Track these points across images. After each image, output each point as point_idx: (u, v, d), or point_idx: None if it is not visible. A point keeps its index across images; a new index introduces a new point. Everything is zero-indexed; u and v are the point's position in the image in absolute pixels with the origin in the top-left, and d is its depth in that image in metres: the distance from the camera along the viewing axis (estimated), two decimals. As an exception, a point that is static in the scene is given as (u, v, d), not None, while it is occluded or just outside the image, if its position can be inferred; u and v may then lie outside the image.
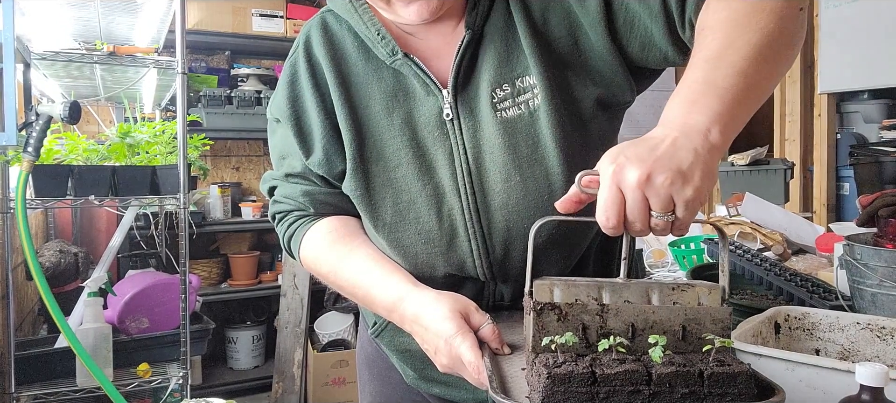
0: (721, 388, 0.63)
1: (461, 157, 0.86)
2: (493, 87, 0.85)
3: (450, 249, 0.88)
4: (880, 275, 1.19)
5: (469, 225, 0.86)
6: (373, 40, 0.88)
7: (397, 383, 1.08)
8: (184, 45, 2.26)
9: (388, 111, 0.88)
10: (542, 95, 0.84)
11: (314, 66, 0.92)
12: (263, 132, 4.07)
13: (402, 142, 0.87)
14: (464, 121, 0.86)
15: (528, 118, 0.85)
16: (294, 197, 0.96)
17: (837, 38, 3.33)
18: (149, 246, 3.19)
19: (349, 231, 0.95)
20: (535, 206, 0.85)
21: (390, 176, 0.87)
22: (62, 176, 2.12)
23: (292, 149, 0.94)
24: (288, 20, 3.69)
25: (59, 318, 1.82)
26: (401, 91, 0.88)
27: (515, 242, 0.87)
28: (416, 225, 0.87)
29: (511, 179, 0.84)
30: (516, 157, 0.84)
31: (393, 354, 1.02)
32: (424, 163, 0.87)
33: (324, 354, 3.35)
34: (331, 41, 0.92)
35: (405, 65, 0.86)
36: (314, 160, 0.91)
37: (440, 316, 0.77)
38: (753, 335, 1.04)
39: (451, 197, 0.86)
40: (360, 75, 0.90)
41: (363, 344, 1.15)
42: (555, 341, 0.69)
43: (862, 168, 3.03)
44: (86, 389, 2.11)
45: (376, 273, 0.88)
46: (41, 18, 2.28)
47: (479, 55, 0.87)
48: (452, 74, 0.86)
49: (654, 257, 2.27)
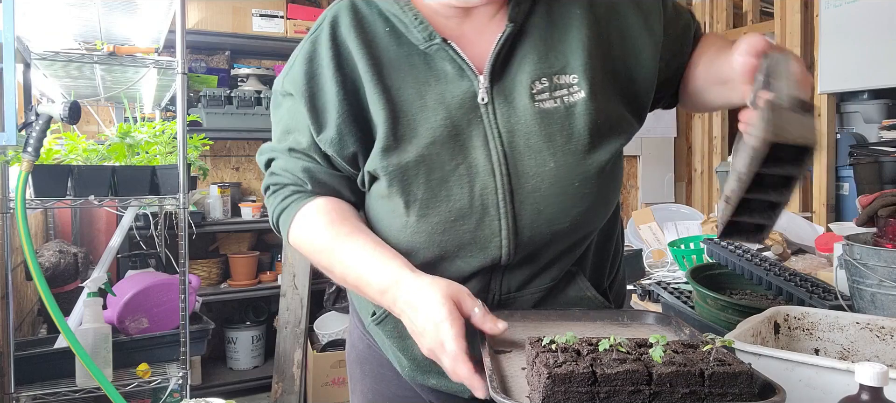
0: (721, 388, 0.64)
1: (495, 140, 0.89)
2: (533, 79, 0.90)
3: (478, 228, 0.89)
4: (880, 275, 1.19)
5: (501, 204, 0.89)
6: (409, 24, 0.90)
7: (390, 379, 1.08)
8: (184, 45, 2.26)
9: (421, 94, 0.90)
10: (585, 93, 0.89)
11: (339, 46, 0.92)
12: (263, 132, 4.06)
13: (436, 120, 0.89)
14: (498, 106, 0.90)
15: (564, 112, 0.89)
16: (293, 171, 0.96)
17: (837, 38, 3.34)
18: (148, 246, 3.19)
19: (347, 214, 0.95)
20: (565, 194, 0.89)
21: (423, 153, 0.88)
22: (62, 176, 2.11)
23: (301, 125, 0.94)
24: (288, 20, 3.69)
25: (58, 318, 1.82)
26: (432, 74, 0.91)
27: (542, 227, 0.91)
28: (447, 202, 0.89)
29: (545, 165, 0.89)
30: (551, 145, 0.89)
31: (393, 342, 1.01)
32: (458, 142, 0.89)
33: (323, 354, 3.35)
34: (361, 24, 0.93)
35: (441, 49, 0.90)
36: (326, 138, 0.92)
37: (433, 301, 0.79)
38: (753, 335, 1.04)
39: (485, 176, 0.88)
40: (393, 59, 0.91)
41: (354, 343, 1.15)
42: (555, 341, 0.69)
43: (861, 168, 3.03)
44: (85, 389, 2.11)
45: (374, 256, 0.89)
46: (41, 18, 2.28)
47: (518, 47, 0.92)
48: (490, 62, 0.90)
49: (653, 257, 2.27)
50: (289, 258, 3.50)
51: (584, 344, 0.70)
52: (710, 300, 1.41)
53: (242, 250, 3.79)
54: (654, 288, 1.85)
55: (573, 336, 0.70)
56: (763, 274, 1.44)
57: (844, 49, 3.29)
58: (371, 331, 1.07)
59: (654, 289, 1.86)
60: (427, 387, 1.03)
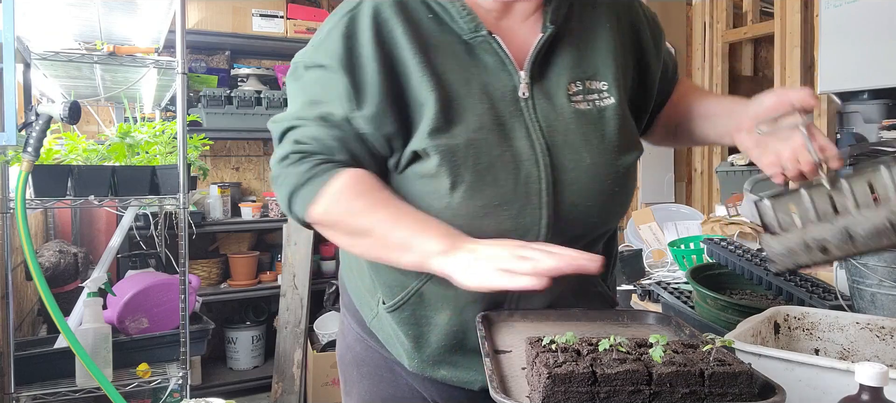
0: (721, 388, 0.64)
1: (537, 132, 0.92)
2: (570, 81, 0.95)
3: (520, 215, 0.91)
4: (880, 275, 1.19)
5: (544, 193, 0.91)
6: (455, 15, 0.92)
7: (389, 380, 1.08)
8: (184, 44, 2.26)
9: (466, 81, 0.92)
10: (614, 99, 0.96)
11: (381, 26, 0.92)
12: (263, 132, 4.04)
13: (482, 108, 0.91)
14: (538, 103, 0.93)
15: (596, 114, 0.95)
16: (324, 139, 0.92)
17: (837, 38, 3.33)
18: (148, 246, 3.19)
19: (383, 184, 0.93)
20: (599, 189, 0.94)
21: (472, 137, 0.89)
22: (62, 176, 2.11)
23: (333, 96, 0.92)
24: (288, 20, 3.69)
25: (58, 318, 1.82)
26: (474, 64, 0.93)
27: (576, 219, 0.94)
28: (494, 188, 0.90)
29: (583, 161, 0.93)
30: (587, 143, 0.93)
31: (409, 329, 1.00)
32: (503, 131, 0.91)
33: (323, 354, 3.34)
34: (404, 7, 0.93)
35: (485, 41, 0.92)
36: (366, 115, 0.90)
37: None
38: (753, 335, 1.04)
39: (529, 165, 0.90)
40: (437, 43, 0.93)
41: (350, 345, 1.14)
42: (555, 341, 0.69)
43: (861, 168, 3.03)
44: (85, 389, 2.11)
45: (425, 218, 0.88)
46: (41, 18, 2.28)
47: (555, 49, 0.96)
48: (530, 60, 0.93)
49: (653, 257, 2.27)
50: (289, 258, 3.50)
51: (584, 344, 0.70)
52: (710, 300, 1.41)
53: (242, 250, 3.79)
54: (654, 288, 1.85)
55: (573, 336, 0.70)
56: (763, 274, 1.44)
57: (844, 49, 3.29)
58: (375, 327, 1.07)
59: (654, 289, 1.86)
60: (435, 380, 1.02)
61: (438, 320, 0.98)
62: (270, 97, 3.57)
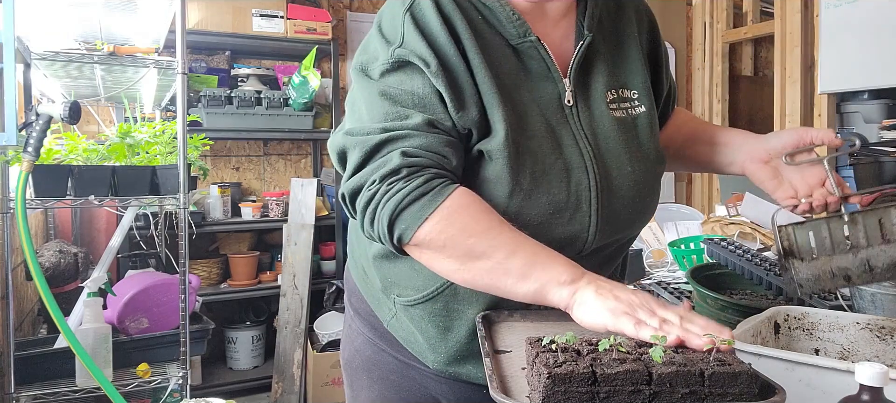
0: (721, 388, 0.63)
1: (584, 139, 0.93)
2: (607, 89, 0.96)
3: (571, 221, 0.91)
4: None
5: (593, 200, 0.91)
6: (504, 19, 0.92)
7: (400, 384, 1.07)
8: (184, 45, 2.26)
9: (516, 86, 0.92)
10: (644, 108, 0.98)
11: (448, 21, 0.88)
12: (263, 132, 4.04)
13: (534, 114, 0.91)
14: (581, 110, 0.94)
15: (631, 123, 0.97)
16: (436, 148, 0.84)
17: (837, 38, 3.33)
18: (148, 246, 3.19)
19: (491, 208, 0.88)
20: (640, 196, 0.96)
21: (529, 144, 0.89)
22: (62, 176, 2.11)
23: (431, 99, 0.86)
24: (288, 20, 3.68)
25: (58, 318, 1.82)
26: (521, 70, 0.93)
27: (618, 225, 0.96)
28: (548, 195, 0.90)
29: (625, 168, 0.94)
30: (627, 151, 0.95)
31: (438, 321, 0.97)
32: (554, 138, 0.91)
33: (323, 354, 3.34)
34: (461, 5, 0.91)
35: (532, 47, 0.92)
36: (468, 116, 0.87)
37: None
38: (753, 335, 1.04)
39: (579, 172, 0.91)
40: (491, 46, 0.91)
41: (359, 348, 1.12)
42: (555, 340, 0.69)
43: (862, 168, 3.03)
44: (85, 389, 2.11)
45: (543, 247, 0.82)
46: (41, 18, 2.28)
47: (591, 58, 0.97)
48: (574, 67, 0.94)
49: (653, 257, 2.27)
50: (289, 258, 3.50)
51: (584, 344, 0.70)
52: (710, 300, 1.41)
53: (242, 250, 3.79)
54: (655, 288, 1.85)
55: (573, 336, 0.70)
56: (763, 274, 1.44)
57: (844, 49, 3.29)
58: (391, 328, 1.04)
59: (654, 289, 1.86)
60: (453, 380, 1.02)
61: (470, 313, 0.96)
62: (270, 97, 3.57)
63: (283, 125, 3.63)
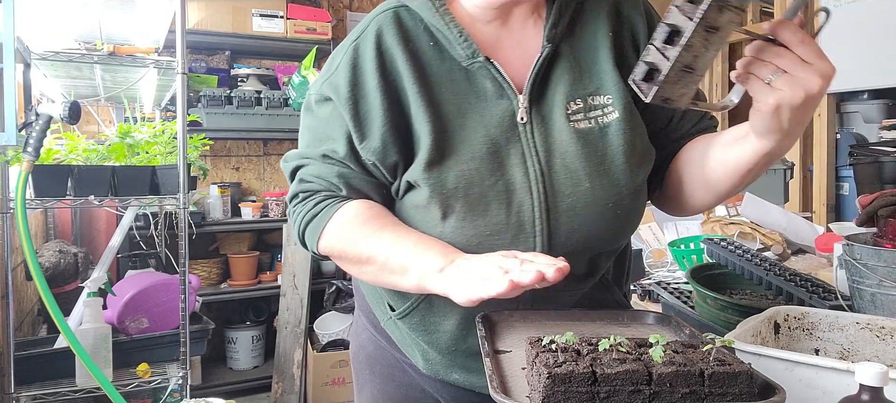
0: (721, 388, 0.63)
1: (533, 158, 0.90)
2: (567, 100, 0.92)
3: (513, 244, 0.90)
4: (880, 275, 1.19)
5: (537, 221, 0.89)
6: (452, 40, 0.91)
7: (401, 380, 1.08)
8: (184, 44, 2.26)
9: (462, 111, 0.91)
10: (619, 114, 0.91)
11: (384, 54, 0.92)
12: (263, 132, 4.04)
13: (476, 138, 0.90)
14: (536, 126, 0.91)
15: (598, 132, 0.91)
16: (327, 177, 0.94)
17: (837, 38, 3.33)
18: (148, 246, 3.19)
19: (385, 212, 0.94)
20: (600, 214, 0.91)
21: (464, 169, 0.89)
22: (62, 176, 2.11)
23: (338, 132, 0.93)
24: (288, 20, 3.68)
25: (58, 318, 1.82)
26: (472, 92, 0.92)
27: (575, 245, 0.92)
28: (485, 218, 0.89)
29: (581, 185, 0.90)
30: (587, 165, 0.90)
31: (419, 336, 1.01)
32: (496, 160, 0.90)
33: (323, 354, 3.34)
34: (406, 36, 0.93)
35: (483, 67, 0.91)
36: (369, 147, 0.91)
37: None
38: (753, 335, 1.04)
39: (522, 193, 0.89)
40: (435, 73, 0.92)
41: (362, 344, 1.14)
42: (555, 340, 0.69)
43: (861, 168, 3.03)
44: (85, 389, 2.11)
45: (424, 239, 0.88)
46: (41, 18, 2.28)
47: (554, 68, 0.93)
48: (529, 82, 0.91)
49: (653, 257, 2.27)
50: (289, 258, 3.49)
51: (584, 344, 0.70)
52: (710, 300, 1.41)
53: (242, 250, 3.79)
54: (655, 288, 1.85)
55: (573, 336, 0.70)
56: (763, 274, 1.44)
57: (844, 49, 3.29)
58: (388, 328, 1.07)
59: (654, 289, 1.86)
60: (447, 384, 1.03)
61: (447, 325, 0.97)
62: (270, 97, 3.57)
63: (283, 125, 3.63)
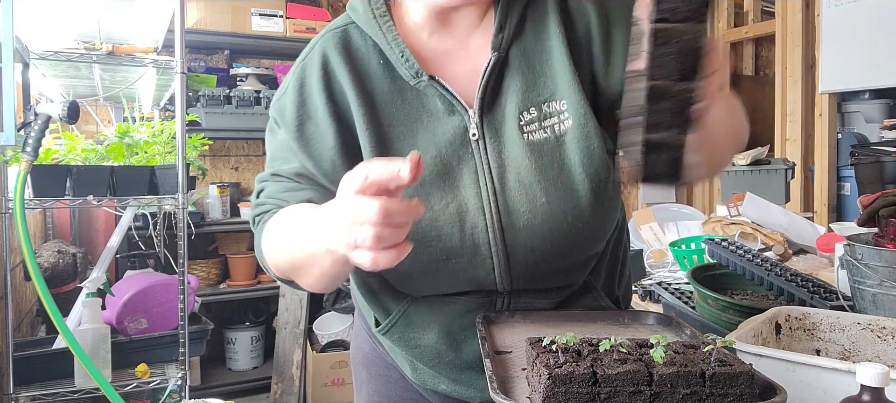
0: (722, 388, 0.63)
1: (486, 176, 0.86)
2: (520, 110, 0.87)
3: (470, 266, 0.88)
4: (881, 275, 1.19)
5: (492, 242, 0.86)
6: (396, 61, 0.88)
7: (396, 382, 1.08)
8: (183, 44, 2.25)
9: (412, 131, 0.88)
10: (574, 120, 0.86)
11: (330, 76, 0.90)
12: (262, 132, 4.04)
13: (426, 160, 0.86)
14: (489, 141, 0.87)
15: (554, 142, 0.86)
16: (276, 195, 0.92)
17: (838, 37, 3.33)
18: (147, 246, 3.18)
19: (294, 210, 0.87)
20: (559, 229, 0.87)
21: (412, 194, 0.84)
22: (60, 176, 2.11)
23: (288, 152, 0.91)
24: (287, 20, 3.68)
25: (57, 319, 1.82)
26: (424, 111, 0.88)
27: (537, 261, 0.88)
28: (438, 243, 0.86)
29: (537, 201, 0.86)
30: (543, 179, 0.86)
31: (401, 350, 1.01)
32: (448, 181, 0.87)
33: (323, 355, 3.34)
34: (353, 58, 0.90)
35: (429, 86, 0.87)
36: (319, 169, 0.89)
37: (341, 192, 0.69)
38: (754, 335, 1.04)
39: (476, 214, 0.86)
40: (385, 94, 0.89)
41: (360, 345, 1.14)
42: (555, 341, 0.69)
43: (863, 168, 3.03)
44: (84, 390, 2.10)
45: (309, 218, 0.78)
46: (40, 18, 2.27)
47: (505, 77, 0.88)
48: (479, 96, 0.87)
49: (654, 257, 2.27)
50: (288, 258, 3.49)
51: (585, 345, 0.69)
52: (710, 300, 1.40)
53: (241, 250, 3.79)
54: (655, 288, 1.85)
55: (573, 337, 0.70)
56: (764, 275, 1.44)
57: (845, 49, 3.29)
58: (378, 337, 1.07)
59: (654, 289, 1.85)
60: (436, 393, 1.02)
61: (428, 340, 0.96)
62: (269, 97, 3.56)
63: (283, 125, 3.62)
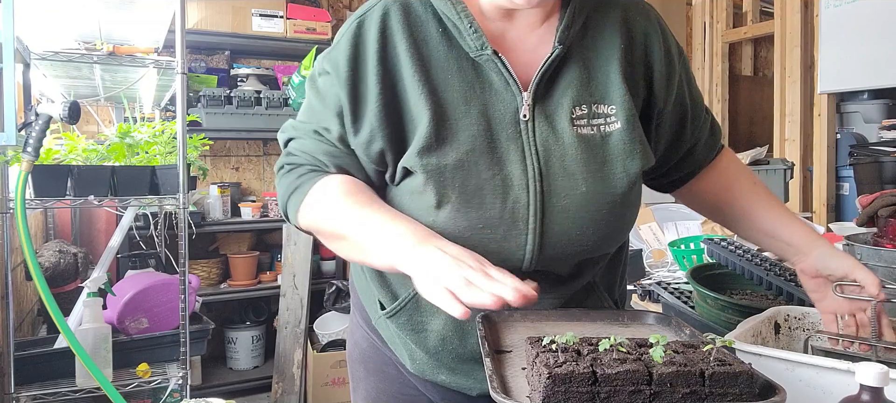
0: (722, 388, 0.63)
1: (532, 157, 0.90)
2: (574, 104, 0.92)
3: (505, 239, 0.90)
4: (880, 275, 1.19)
5: (531, 219, 0.89)
6: (463, 31, 0.91)
7: (394, 378, 1.08)
8: (183, 44, 2.26)
9: (466, 100, 0.90)
10: (621, 125, 0.92)
11: (387, 40, 0.92)
12: (263, 132, 4.03)
13: (478, 129, 0.89)
14: (539, 124, 0.91)
15: (600, 140, 0.92)
16: (314, 153, 0.95)
17: (837, 38, 3.33)
18: (148, 246, 3.18)
19: (365, 188, 0.94)
20: (593, 219, 0.91)
21: (463, 159, 0.88)
22: (61, 176, 2.11)
23: (331, 109, 0.93)
24: (288, 20, 3.68)
25: (58, 318, 1.82)
26: (479, 83, 0.91)
27: (565, 246, 0.92)
28: (479, 210, 0.89)
29: (577, 189, 0.90)
30: (585, 170, 0.90)
31: (407, 335, 1.01)
32: (496, 154, 0.89)
33: (323, 354, 3.34)
34: (413, 23, 0.92)
35: (491, 60, 0.90)
36: (359, 130, 0.91)
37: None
38: (753, 335, 1.04)
39: (519, 190, 0.89)
40: (441, 61, 0.91)
41: (357, 341, 1.15)
42: (555, 340, 0.69)
43: (862, 168, 3.03)
44: (85, 389, 2.10)
45: (398, 216, 0.89)
46: (41, 18, 2.27)
47: (562, 70, 0.93)
48: (535, 81, 0.91)
49: (654, 257, 2.27)
50: (289, 258, 3.49)
51: (585, 344, 0.70)
52: (710, 300, 1.41)
53: (242, 250, 3.79)
54: (655, 288, 1.85)
55: (573, 336, 0.70)
56: (763, 275, 1.44)
57: (844, 49, 3.29)
58: (379, 326, 1.07)
59: (654, 289, 1.86)
60: (435, 384, 1.03)
61: (435, 325, 0.98)
62: (270, 97, 3.56)
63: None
